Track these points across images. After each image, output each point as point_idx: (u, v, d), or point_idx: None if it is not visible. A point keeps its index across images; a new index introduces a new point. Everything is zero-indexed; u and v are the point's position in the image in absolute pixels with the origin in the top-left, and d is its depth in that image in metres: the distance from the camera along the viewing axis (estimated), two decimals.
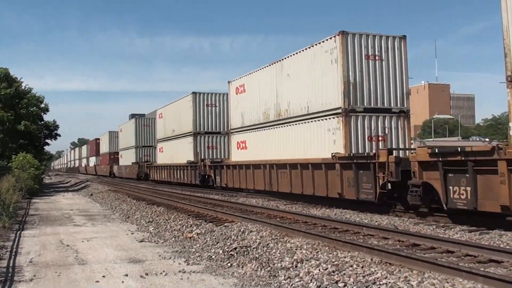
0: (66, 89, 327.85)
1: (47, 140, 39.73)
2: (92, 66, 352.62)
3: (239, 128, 24.36)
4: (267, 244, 9.18)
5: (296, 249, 8.50)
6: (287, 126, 19.71)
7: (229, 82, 25.86)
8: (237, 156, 24.55)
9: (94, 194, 28.48)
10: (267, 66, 21.66)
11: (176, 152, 34.16)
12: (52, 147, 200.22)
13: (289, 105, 19.63)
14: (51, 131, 39.22)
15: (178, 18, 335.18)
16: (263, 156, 21.42)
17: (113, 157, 58.34)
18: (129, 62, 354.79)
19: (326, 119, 17.20)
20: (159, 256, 9.41)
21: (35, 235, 12.62)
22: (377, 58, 16.80)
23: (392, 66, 17.01)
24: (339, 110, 16.44)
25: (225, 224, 12.12)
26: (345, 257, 7.68)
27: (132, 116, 52.58)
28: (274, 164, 20.08)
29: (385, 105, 16.92)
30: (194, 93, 31.45)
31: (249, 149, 23.24)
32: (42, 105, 36.63)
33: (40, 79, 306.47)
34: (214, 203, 18.69)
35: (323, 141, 17.24)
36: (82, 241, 11.36)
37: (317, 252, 8.23)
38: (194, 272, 8.00)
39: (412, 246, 8.84)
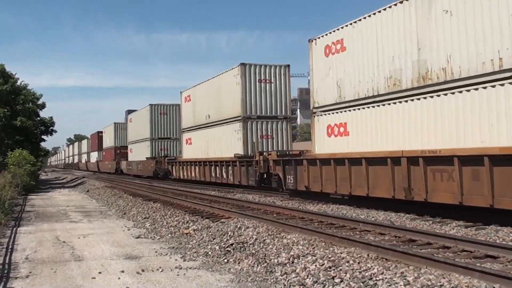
0: (62, 85, 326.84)
1: (43, 136, 39.60)
2: (88, 63, 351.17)
3: (333, 104, 16.51)
4: (264, 240, 9.19)
5: (292, 245, 8.50)
6: (448, 94, 12.08)
7: (310, 40, 17.74)
8: (327, 146, 16.86)
9: (90, 190, 28.46)
10: (396, 4, 13.68)
11: (213, 144, 26.98)
12: (48, 143, 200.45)
13: (451, 60, 12.03)
14: (47, 127, 39.09)
15: (174, 14, 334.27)
16: (384, 146, 14.00)
17: (120, 151, 51.45)
18: (125, 59, 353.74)
19: None
20: (156, 252, 9.41)
21: (31, 231, 12.60)
22: None
23: None
24: None
25: (222, 220, 12.13)
26: (341, 253, 7.68)
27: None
28: (419, 157, 12.41)
29: None
30: (243, 64, 23.77)
31: (352, 135, 15.63)
32: (39, 102, 36.57)
33: (37, 76, 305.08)
34: (210, 199, 18.71)
35: None
36: (79, 238, 11.34)
37: (314, 248, 8.23)
38: (190, 268, 7.99)
39: (409, 242, 8.86)
